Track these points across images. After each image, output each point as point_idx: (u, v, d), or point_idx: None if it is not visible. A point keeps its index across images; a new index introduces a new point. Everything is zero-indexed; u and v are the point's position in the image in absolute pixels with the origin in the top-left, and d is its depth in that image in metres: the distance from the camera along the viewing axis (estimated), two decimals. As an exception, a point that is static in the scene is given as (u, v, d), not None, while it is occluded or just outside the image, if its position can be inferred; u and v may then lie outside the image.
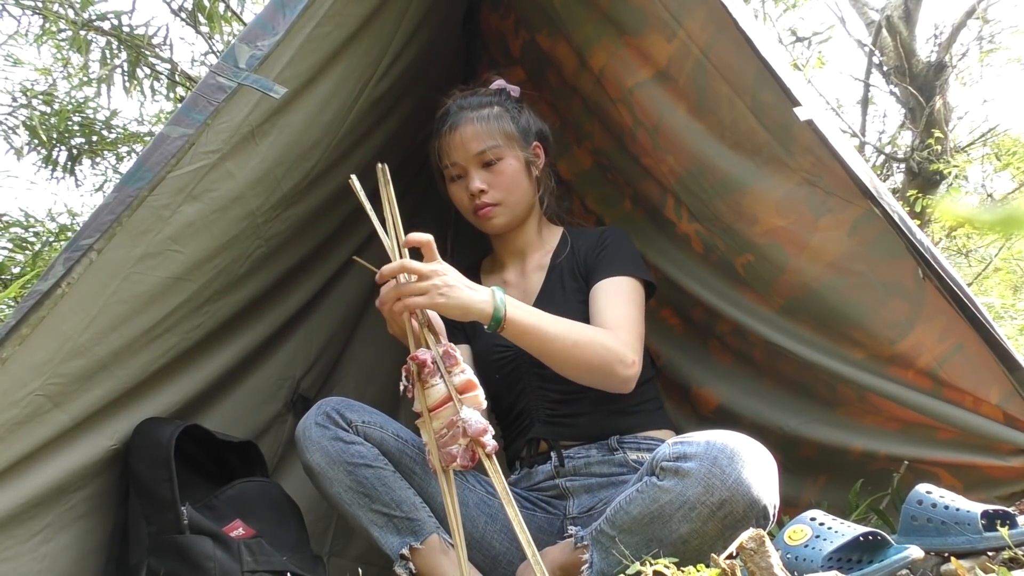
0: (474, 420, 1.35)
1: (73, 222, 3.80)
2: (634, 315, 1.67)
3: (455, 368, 1.39)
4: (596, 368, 1.59)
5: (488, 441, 1.35)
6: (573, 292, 1.76)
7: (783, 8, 5.12)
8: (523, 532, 1.27)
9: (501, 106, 1.80)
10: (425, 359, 1.38)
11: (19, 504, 1.36)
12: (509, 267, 1.88)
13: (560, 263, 1.81)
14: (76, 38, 3.51)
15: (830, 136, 1.54)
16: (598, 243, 1.78)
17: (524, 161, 1.79)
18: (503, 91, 1.85)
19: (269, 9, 1.56)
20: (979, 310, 1.47)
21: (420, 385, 1.38)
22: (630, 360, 1.59)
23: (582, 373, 1.61)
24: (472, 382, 1.39)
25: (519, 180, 1.77)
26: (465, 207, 1.80)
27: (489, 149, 1.74)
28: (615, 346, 1.59)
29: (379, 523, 1.52)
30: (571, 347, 1.57)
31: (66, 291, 1.37)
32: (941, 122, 4.98)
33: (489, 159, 1.75)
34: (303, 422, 1.57)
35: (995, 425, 1.50)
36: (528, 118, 1.84)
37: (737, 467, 1.28)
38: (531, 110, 1.88)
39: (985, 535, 1.19)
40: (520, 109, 1.84)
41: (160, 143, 1.46)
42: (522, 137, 1.79)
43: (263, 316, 1.84)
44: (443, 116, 1.80)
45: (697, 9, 1.67)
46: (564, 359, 1.58)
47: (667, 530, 1.32)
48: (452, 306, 1.45)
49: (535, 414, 1.73)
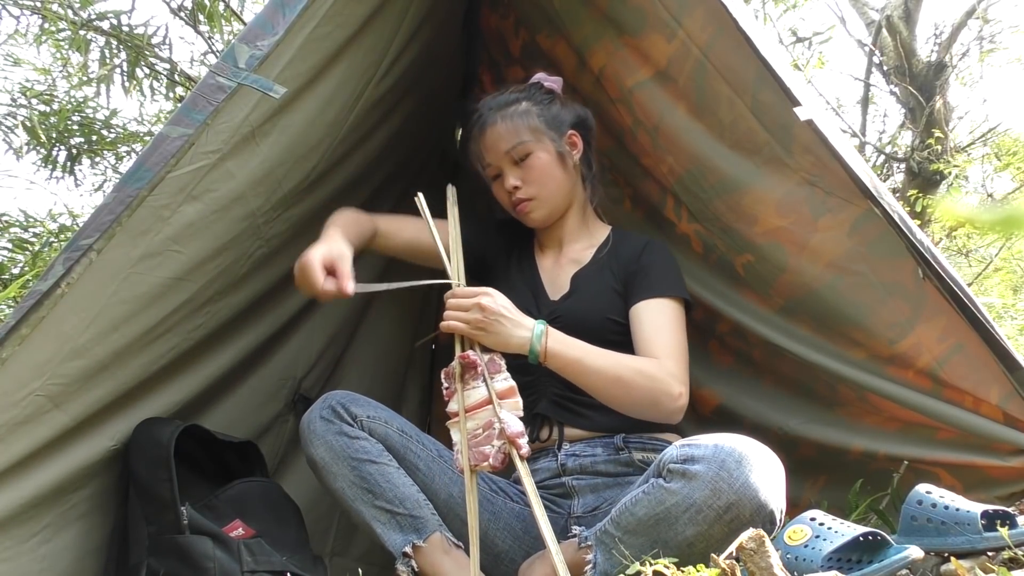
0: (513, 422, 1.42)
1: (73, 222, 3.79)
2: (679, 341, 1.66)
3: (498, 375, 1.48)
4: (640, 402, 1.60)
5: (524, 443, 1.42)
6: (610, 290, 1.74)
7: (783, 8, 5.12)
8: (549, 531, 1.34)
9: (530, 100, 1.79)
10: (476, 360, 1.47)
11: (19, 504, 1.36)
12: (547, 253, 1.87)
13: (601, 259, 1.80)
14: (75, 38, 3.51)
15: (830, 136, 1.54)
16: (639, 255, 1.76)
17: (556, 153, 1.77)
18: (533, 85, 1.84)
19: (269, 9, 1.55)
20: (979, 310, 1.47)
21: (462, 385, 1.46)
22: (677, 392, 1.59)
23: (627, 407, 1.62)
24: (513, 388, 1.47)
25: (552, 172, 1.76)
26: (507, 204, 1.81)
27: (516, 146, 1.74)
28: (661, 378, 1.59)
29: (382, 520, 1.52)
30: (614, 382, 1.58)
31: (66, 291, 1.37)
32: (941, 122, 4.97)
33: (518, 156, 1.75)
34: (308, 415, 1.58)
35: (995, 425, 1.50)
36: (560, 109, 1.81)
37: (745, 471, 1.28)
38: (570, 100, 1.86)
39: (985, 535, 1.19)
40: (551, 100, 1.81)
41: (160, 143, 1.46)
42: (552, 129, 1.78)
43: (264, 316, 1.84)
44: (475, 119, 1.81)
45: (697, 9, 1.67)
46: (608, 394, 1.60)
47: (672, 532, 1.32)
48: (490, 340, 1.54)
49: (544, 391, 1.72)
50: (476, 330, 1.53)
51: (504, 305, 1.56)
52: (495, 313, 1.54)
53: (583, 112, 1.86)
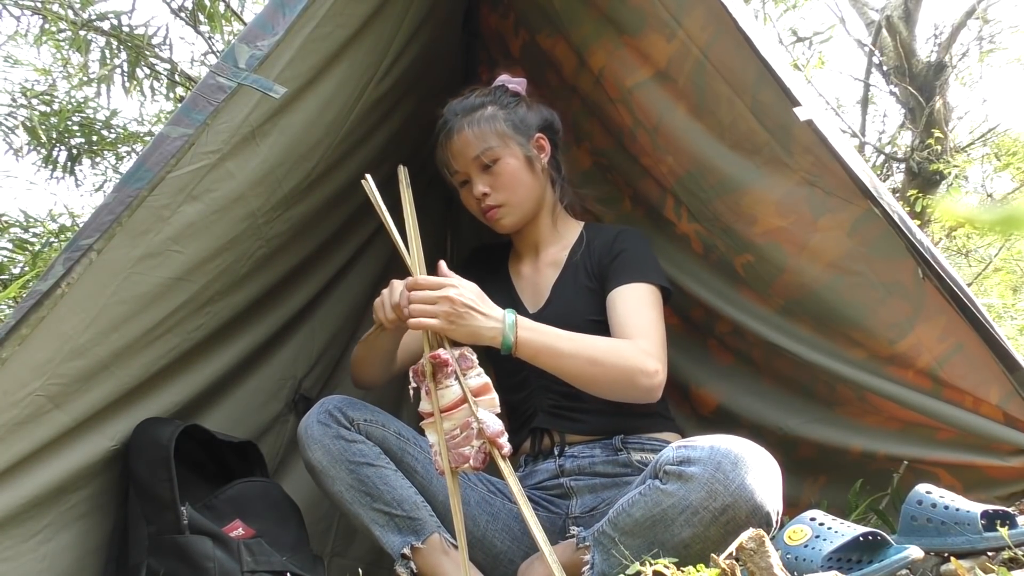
0: (491, 421, 1.37)
1: (73, 222, 3.79)
2: (654, 321, 1.65)
3: (470, 371, 1.40)
4: (616, 383, 1.58)
5: (505, 443, 1.37)
6: (586, 291, 1.74)
7: (783, 8, 5.12)
8: (540, 532, 1.30)
9: (495, 104, 1.77)
10: (447, 359, 1.39)
11: (19, 504, 1.36)
12: (525, 260, 1.87)
13: (576, 260, 1.79)
14: (76, 38, 3.51)
15: (830, 136, 1.54)
16: (613, 246, 1.76)
17: (524, 157, 1.75)
18: (498, 88, 1.82)
19: (269, 9, 1.55)
20: (979, 310, 1.47)
21: (434, 386, 1.39)
22: (652, 369, 1.57)
23: (604, 388, 1.60)
24: (487, 385, 1.40)
25: (520, 178, 1.75)
26: (476, 211, 1.79)
27: (483, 152, 1.72)
28: (635, 357, 1.57)
29: (380, 522, 1.53)
30: (588, 365, 1.56)
31: (66, 291, 1.37)
32: (941, 122, 4.98)
33: (486, 162, 1.73)
34: (305, 420, 1.58)
35: (995, 425, 1.50)
36: (526, 112, 1.79)
37: (741, 473, 1.28)
38: (535, 102, 1.84)
39: (985, 535, 1.19)
40: (517, 104, 1.79)
41: (160, 143, 1.46)
42: (519, 133, 1.76)
43: (264, 316, 1.84)
44: (440, 125, 1.79)
45: (696, 9, 1.67)
46: (583, 378, 1.58)
47: (669, 534, 1.32)
48: (461, 334, 1.48)
49: (540, 403, 1.73)
50: (446, 324, 1.47)
51: (472, 296, 1.51)
52: (464, 305, 1.48)
53: (549, 114, 1.85)
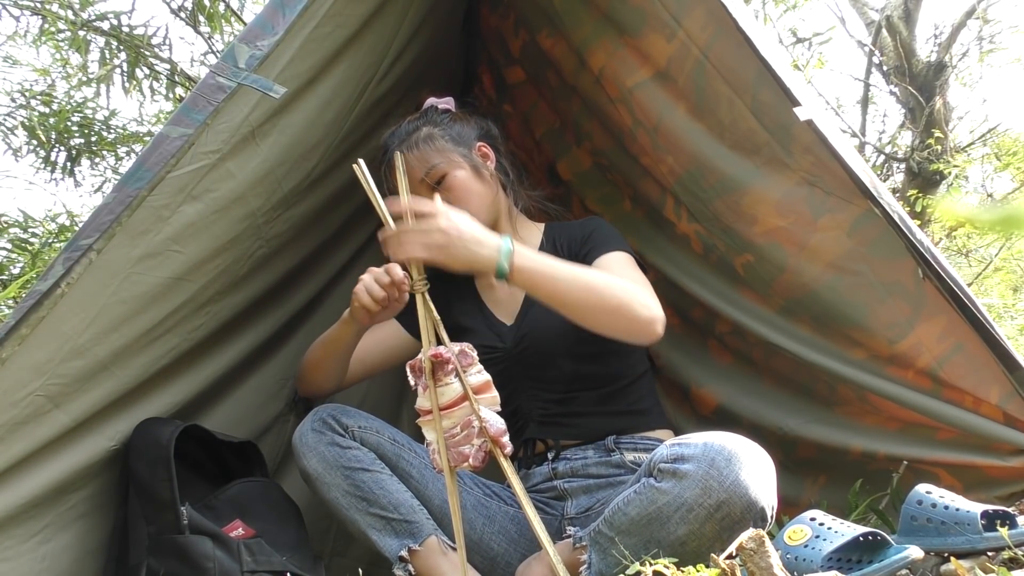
0: (494, 420, 1.34)
1: (72, 222, 3.79)
2: (643, 279, 1.65)
3: (471, 368, 1.37)
4: (616, 310, 1.53)
5: (507, 442, 1.35)
6: None
7: (783, 8, 5.11)
8: (542, 531, 1.31)
9: (430, 124, 1.77)
10: (449, 356, 1.35)
11: (19, 504, 1.36)
12: None
13: None
14: (75, 38, 3.51)
15: (830, 136, 1.54)
16: (582, 232, 1.77)
17: (471, 167, 1.75)
18: (429, 109, 1.82)
19: (269, 9, 1.56)
20: (979, 310, 1.47)
21: (434, 383, 1.36)
22: (652, 304, 1.56)
23: (602, 317, 1.54)
24: (488, 383, 1.37)
25: (471, 187, 1.74)
26: None
27: (429, 171, 1.71)
28: (634, 290, 1.56)
29: (377, 526, 1.53)
30: (587, 290, 1.52)
31: (66, 291, 1.37)
32: (941, 122, 4.98)
33: (434, 180, 1.72)
34: (299, 429, 1.58)
35: (995, 425, 1.50)
36: (462, 126, 1.79)
37: (735, 469, 1.28)
38: (467, 114, 1.84)
39: (985, 535, 1.19)
40: (451, 120, 1.79)
41: (159, 143, 1.46)
42: (460, 145, 1.76)
43: (265, 316, 1.84)
44: (381, 158, 1.77)
45: (697, 9, 1.67)
46: (581, 304, 1.53)
47: (665, 532, 1.32)
48: (457, 262, 1.45)
49: (529, 414, 1.73)
50: (440, 254, 1.43)
51: (465, 221, 1.48)
52: (457, 230, 1.45)
53: (484, 123, 1.85)
